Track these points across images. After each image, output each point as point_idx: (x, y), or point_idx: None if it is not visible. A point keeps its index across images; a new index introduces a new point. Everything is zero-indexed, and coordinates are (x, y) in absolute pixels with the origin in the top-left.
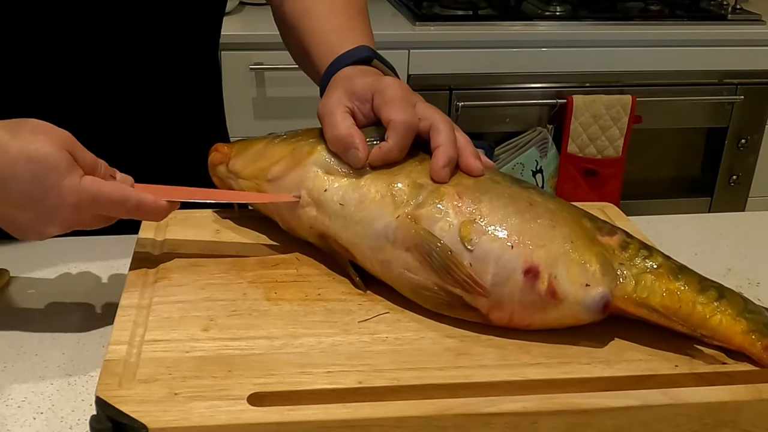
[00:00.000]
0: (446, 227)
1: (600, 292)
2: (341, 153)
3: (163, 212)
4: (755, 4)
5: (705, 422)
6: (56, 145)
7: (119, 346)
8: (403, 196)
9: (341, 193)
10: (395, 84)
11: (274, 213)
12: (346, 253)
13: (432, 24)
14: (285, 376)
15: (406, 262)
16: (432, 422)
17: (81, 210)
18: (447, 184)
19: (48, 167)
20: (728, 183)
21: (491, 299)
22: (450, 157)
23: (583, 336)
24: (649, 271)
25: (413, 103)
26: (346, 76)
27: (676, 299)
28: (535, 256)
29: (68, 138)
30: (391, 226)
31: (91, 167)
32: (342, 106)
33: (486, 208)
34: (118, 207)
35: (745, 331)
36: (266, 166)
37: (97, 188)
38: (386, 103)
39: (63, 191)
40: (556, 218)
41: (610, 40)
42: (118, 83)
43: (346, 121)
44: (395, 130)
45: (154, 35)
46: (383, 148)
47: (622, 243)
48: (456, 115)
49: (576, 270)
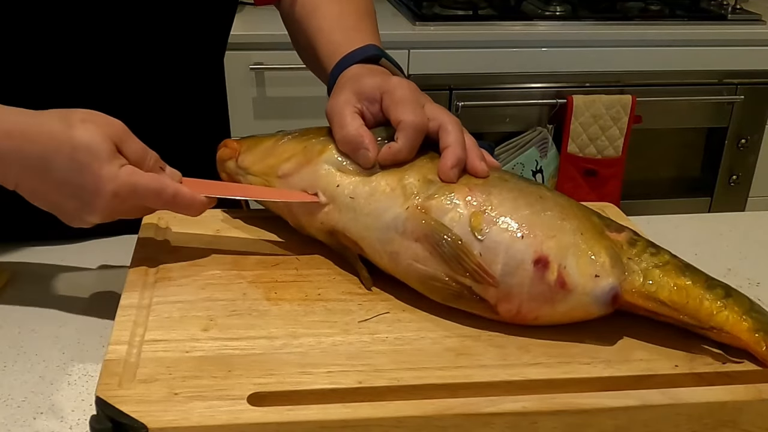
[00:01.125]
0: (456, 217)
1: (610, 283)
2: (351, 153)
3: (201, 207)
4: (755, 4)
5: (705, 422)
6: (101, 134)
7: (119, 346)
8: (414, 189)
9: (352, 187)
10: (404, 84)
11: (284, 210)
12: (355, 247)
13: (432, 24)
14: (285, 376)
15: (415, 253)
16: (432, 422)
17: (119, 199)
18: (458, 183)
19: (90, 155)
20: (728, 183)
21: (500, 289)
22: (459, 157)
23: (583, 336)
24: (657, 267)
25: (422, 104)
26: (354, 75)
27: (684, 294)
28: (545, 246)
29: (117, 128)
30: (401, 217)
31: (138, 158)
32: (351, 106)
33: (496, 199)
34: (155, 197)
35: (751, 330)
36: (276, 163)
37: (136, 178)
38: (396, 104)
39: (102, 179)
40: (566, 212)
41: (610, 40)
42: (126, 82)
43: (355, 122)
44: (405, 131)
45: (163, 35)
46: (393, 148)
47: (630, 240)
48: (456, 115)
49: (585, 261)
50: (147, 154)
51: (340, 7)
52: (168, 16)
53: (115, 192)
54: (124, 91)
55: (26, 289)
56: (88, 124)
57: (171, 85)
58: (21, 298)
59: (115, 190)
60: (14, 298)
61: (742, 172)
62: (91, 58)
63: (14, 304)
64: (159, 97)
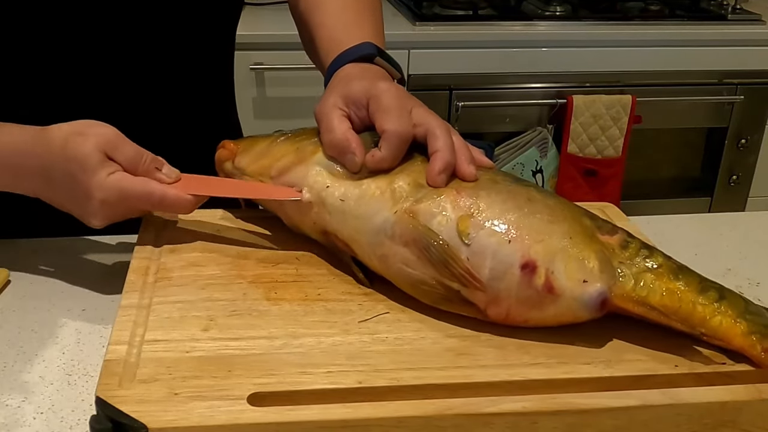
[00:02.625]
0: (444, 222)
1: (597, 288)
2: (338, 157)
3: (189, 206)
4: (755, 4)
5: (705, 422)
6: (90, 145)
7: (119, 346)
8: (403, 193)
9: (343, 189)
10: (391, 90)
11: (279, 210)
12: (347, 248)
13: (432, 24)
14: (285, 376)
15: (404, 257)
16: (432, 422)
17: (110, 205)
18: (446, 186)
19: (79, 166)
20: (728, 183)
21: (488, 294)
22: (447, 162)
23: (584, 336)
24: (649, 271)
25: (409, 110)
26: (345, 77)
27: (676, 299)
28: (532, 251)
29: (108, 136)
30: (390, 221)
31: (131, 162)
32: (338, 110)
33: (484, 203)
34: (143, 201)
35: (746, 333)
36: (270, 164)
37: (122, 185)
38: (381, 111)
39: (91, 188)
40: (555, 214)
41: (610, 40)
42: (134, 82)
43: (342, 125)
44: (388, 141)
45: (170, 34)
46: (376, 156)
47: (623, 242)
48: (456, 115)
49: (574, 266)
50: (140, 156)
51: (344, 1)
52: (175, 15)
53: (104, 199)
54: (132, 91)
55: (26, 289)
56: (78, 136)
57: (178, 84)
58: (21, 298)
59: (103, 197)
60: (14, 298)
61: (742, 172)
62: (99, 59)
63: (14, 304)
64: (166, 97)
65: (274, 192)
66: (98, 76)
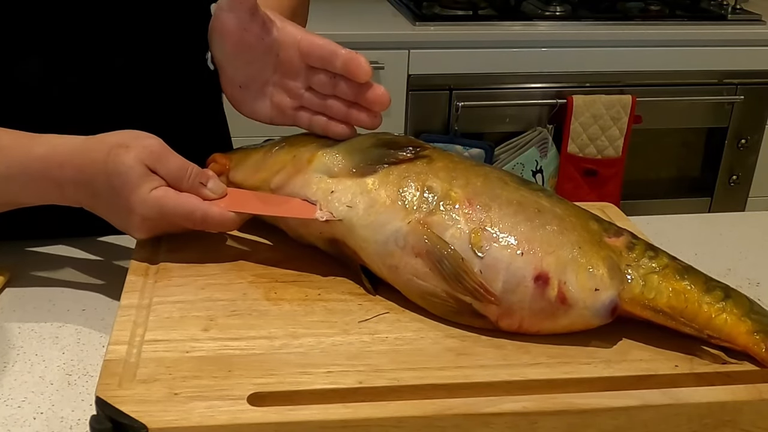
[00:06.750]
0: (457, 234)
1: (609, 296)
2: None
3: (231, 225)
4: (755, 4)
5: (705, 422)
6: (132, 158)
7: (119, 346)
8: (414, 201)
9: (350, 195)
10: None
11: (281, 222)
12: (355, 256)
13: (432, 24)
14: (285, 376)
15: (415, 269)
16: (432, 422)
17: (151, 221)
18: (456, 187)
19: (121, 180)
20: (728, 183)
21: (501, 307)
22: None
23: (584, 336)
24: (656, 272)
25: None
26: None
27: (683, 299)
28: (544, 262)
29: (151, 148)
30: (402, 231)
31: (175, 176)
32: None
33: (496, 215)
34: (185, 220)
35: (750, 332)
36: (268, 176)
37: (162, 202)
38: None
39: (132, 203)
40: (564, 224)
41: (610, 40)
42: (122, 88)
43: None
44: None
45: (159, 42)
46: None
47: (629, 244)
48: (456, 115)
49: (585, 275)
50: (185, 170)
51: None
52: (163, 25)
53: (144, 216)
54: (119, 99)
55: (26, 289)
56: (120, 148)
57: (166, 93)
58: (21, 298)
59: (143, 214)
60: (14, 298)
61: (742, 172)
62: (86, 67)
63: (14, 304)
64: (154, 106)
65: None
66: (85, 85)
